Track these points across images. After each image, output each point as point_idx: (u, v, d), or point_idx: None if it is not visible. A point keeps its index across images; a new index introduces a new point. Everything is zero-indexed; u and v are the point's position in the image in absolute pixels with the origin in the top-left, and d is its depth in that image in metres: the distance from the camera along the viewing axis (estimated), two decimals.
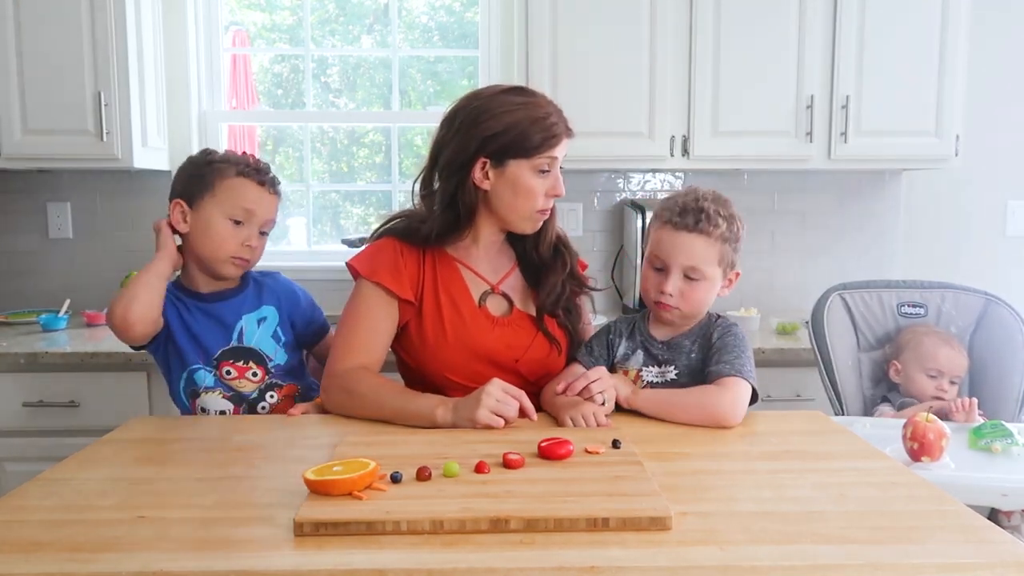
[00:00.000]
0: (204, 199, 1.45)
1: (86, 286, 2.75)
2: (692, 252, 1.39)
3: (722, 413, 1.31)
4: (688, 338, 1.46)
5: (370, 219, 3.03)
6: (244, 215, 1.46)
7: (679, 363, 1.44)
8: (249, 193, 1.46)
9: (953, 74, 2.43)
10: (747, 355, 1.41)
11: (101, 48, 2.35)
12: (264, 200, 1.49)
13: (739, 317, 2.43)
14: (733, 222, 1.41)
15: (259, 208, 1.47)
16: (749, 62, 2.42)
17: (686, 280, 1.40)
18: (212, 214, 1.45)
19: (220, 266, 1.48)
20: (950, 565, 0.83)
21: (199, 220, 1.46)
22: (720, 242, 1.39)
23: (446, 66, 2.97)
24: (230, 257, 1.47)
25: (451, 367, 1.46)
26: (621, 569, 0.81)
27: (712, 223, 1.38)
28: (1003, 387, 1.85)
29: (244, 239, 1.47)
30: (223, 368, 1.48)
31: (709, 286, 1.42)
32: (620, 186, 2.82)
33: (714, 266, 1.40)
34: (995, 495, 1.29)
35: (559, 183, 1.47)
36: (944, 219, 2.87)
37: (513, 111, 1.42)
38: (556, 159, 1.45)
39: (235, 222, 1.46)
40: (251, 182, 1.47)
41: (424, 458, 1.08)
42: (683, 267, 1.40)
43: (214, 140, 2.81)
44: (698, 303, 1.43)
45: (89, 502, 1.00)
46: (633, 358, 1.48)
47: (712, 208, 1.39)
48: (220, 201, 1.45)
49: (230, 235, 1.46)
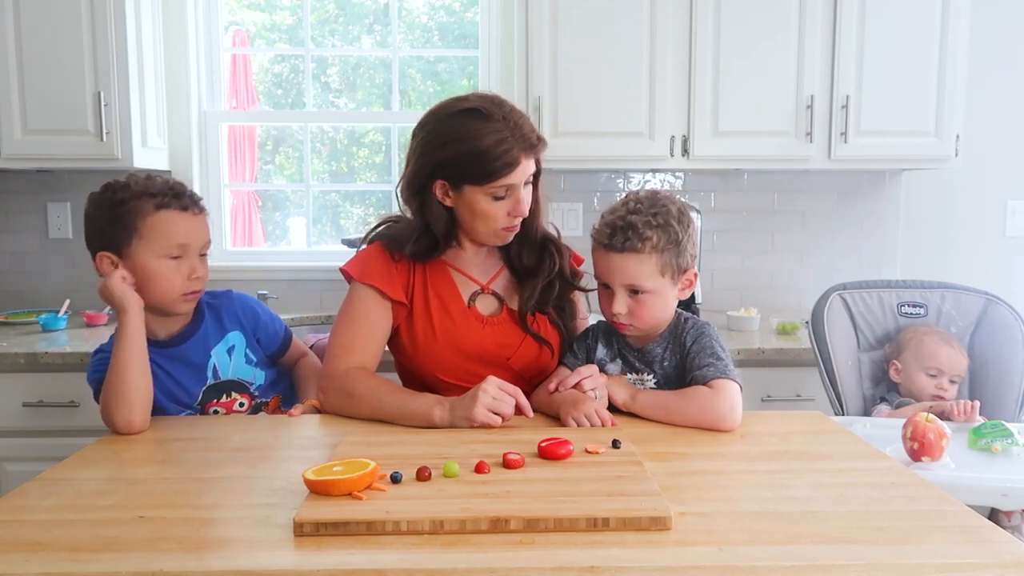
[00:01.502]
0: (132, 244, 1.34)
1: (86, 286, 2.74)
2: (627, 271, 1.35)
3: (721, 417, 1.30)
4: (659, 345, 1.44)
5: (370, 219, 3.03)
6: (180, 250, 1.36)
7: (655, 369, 1.43)
8: (178, 225, 1.35)
9: (953, 74, 2.43)
10: (727, 354, 1.39)
11: (101, 48, 2.35)
12: (195, 226, 1.39)
13: (739, 317, 2.43)
14: (668, 229, 1.34)
15: (193, 238, 1.38)
16: (749, 62, 2.42)
17: (632, 297, 1.37)
18: (147, 258, 1.34)
19: (174, 306, 1.40)
20: (950, 565, 0.83)
21: (135, 267, 1.34)
22: (656, 253, 1.34)
23: (446, 66, 2.97)
24: (181, 296, 1.38)
25: (442, 367, 1.47)
26: (621, 569, 0.81)
27: (641, 238, 1.33)
28: (1003, 387, 1.85)
29: (189, 272, 1.38)
30: (209, 410, 1.45)
31: (657, 298, 1.37)
32: (620, 186, 2.82)
33: (656, 279, 1.36)
34: (995, 495, 1.29)
35: (520, 204, 1.41)
36: (944, 219, 2.87)
37: (466, 139, 1.36)
38: (514, 186, 1.39)
39: (173, 258, 1.36)
40: (174, 212, 1.35)
41: (424, 458, 1.08)
42: (623, 286, 1.37)
43: (214, 140, 2.81)
44: (651, 317, 1.40)
45: (89, 502, 1.00)
46: (611, 364, 1.47)
47: (641, 221, 1.33)
48: (151, 242, 1.34)
49: (173, 273, 1.36)
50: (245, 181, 2.97)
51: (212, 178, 2.83)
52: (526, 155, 1.38)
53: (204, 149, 2.81)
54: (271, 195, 3.04)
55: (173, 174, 2.75)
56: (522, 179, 1.40)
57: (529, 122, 1.42)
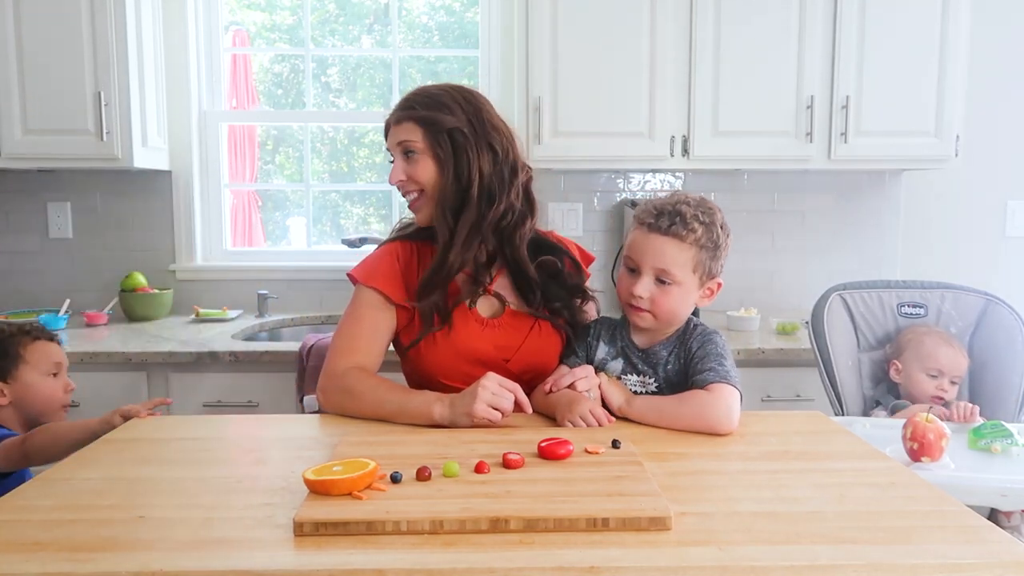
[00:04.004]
0: (19, 368, 1.62)
1: (86, 286, 2.75)
2: (663, 255, 1.34)
3: (717, 421, 1.28)
4: (665, 348, 1.42)
5: (370, 219, 3.03)
6: (57, 368, 1.67)
7: (658, 373, 1.42)
8: (52, 350, 1.67)
9: (953, 74, 2.43)
10: (731, 362, 1.38)
11: (101, 48, 2.35)
12: (61, 352, 1.70)
13: (739, 317, 2.43)
14: (713, 229, 1.35)
15: (63, 360, 1.69)
16: (749, 62, 2.42)
17: (658, 284, 1.36)
18: (32, 377, 1.63)
19: (55, 416, 1.65)
20: (950, 565, 0.83)
21: (20, 387, 1.62)
22: (695, 247, 1.34)
23: (446, 66, 2.97)
24: (62, 407, 1.67)
25: (442, 370, 1.47)
26: (621, 569, 0.81)
27: (687, 227, 1.33)
28: (1003, 387, 1.85)
29: (64, 387, 1.67)
30: None
31: (682, 292, 1.36)
32: (620, 186, 2.82)
33: (687, 271, 1.35)
34: (995, 495, 1.29)
35: (391, 171, 1.51)
36: (944, 219, 2.87)
37: None
38: (389, 150, 1.52)
39: (53, 375, 1.66)
40: (45, 342, 1.67)
41: (424, 458, 1.08)
42: (654, 269, 1.35)
43: (214, 139, 2.81)
44: (670, 310, 1.38)
45: (89, 502, 1.00)
46: (612, 363, 1.45)
47: (690, 212, 1.34)
48: (35, 364, 1.63)
49: (55, 388, 1.65)
50: (245, 181, 2.97)
51: (212, 178, 2.83)
52: (393, 120, 1.50)
53: (204, 149, 2.81)
54: (271, 195, 3.04)
55: (173, 173, 2.75)
56: (392, 144, 1.50)
57: (416, 92, 1.51)
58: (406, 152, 1.48)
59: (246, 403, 2.16)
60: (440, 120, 1.46)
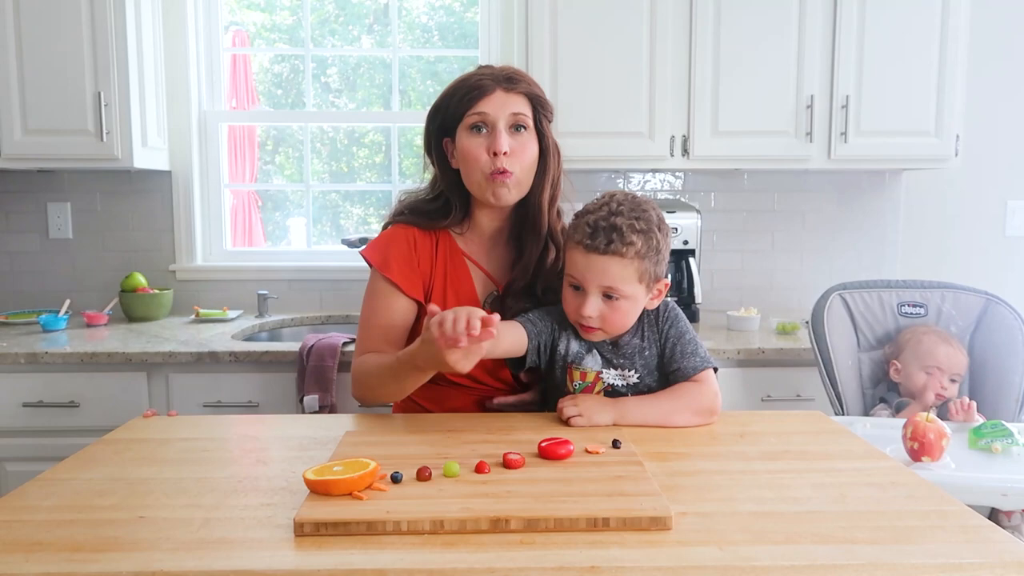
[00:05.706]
0: None
1: (86, 286, 2.75)
2: (607, 274, 1.31)
3: (709, 408, 1.34)
4: (636, 336, 1.41)
5: (370, 219, 3.03)
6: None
7: (636, 364, 1.40)
8: None
9: (953, 74, 2.43)
10: (697, 337, 1.40)
11: (101, 48, 2.35)
12: None
13: (739, 317, 2.43)
14: (651, 236, 1.32)
15: None
16: (749, 62, 2.42)
17: (606, 300, 1.33)
18: None
19: None
20: (950, 565, 0.83)
21: None
22: (636, 259, 1.31)
23: (446, 66, 2.97)
24: None
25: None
26: (621, 569, 0.81)
27: (625, 242, 1.29)
28: (1003, 387, 1.85)
29: None
30: None
31: (631, 304, 1.34)
32: (620, 186, 2.82)
33: (633, 284, 1.32)
34: (995, 495, 1.29)
35: (497, 140, 1.38)
36: (944, 219, 2.87)
37: (451, 85, 1.45)
38: (486, 113, 1.39)
39: None
40: None
41: (424, 458, 1.08)
42: (600, 287, 1.32)
43: (214, 140, 2.81)
44: (621, 323, 1.36)
45: (89, 502, 1.00)
46: (589, 359, 1.41)
47: (625, 223, 1.30)
48: None
49: None
50: (245, 181, 2.97)
51: (212, 178, 2.83)
52: (500, 87, 1.40)
53: (204, 149, 2.81)
54: (271, 195, 3.04)
55: (173, 174, 2.75)
56: (497, 110, 1.39)
57: (511, 68, 1.44)
58: (516, 126, 1.40)
59: (246, 403, 2.16)
60: (547, 104, 1.44)
